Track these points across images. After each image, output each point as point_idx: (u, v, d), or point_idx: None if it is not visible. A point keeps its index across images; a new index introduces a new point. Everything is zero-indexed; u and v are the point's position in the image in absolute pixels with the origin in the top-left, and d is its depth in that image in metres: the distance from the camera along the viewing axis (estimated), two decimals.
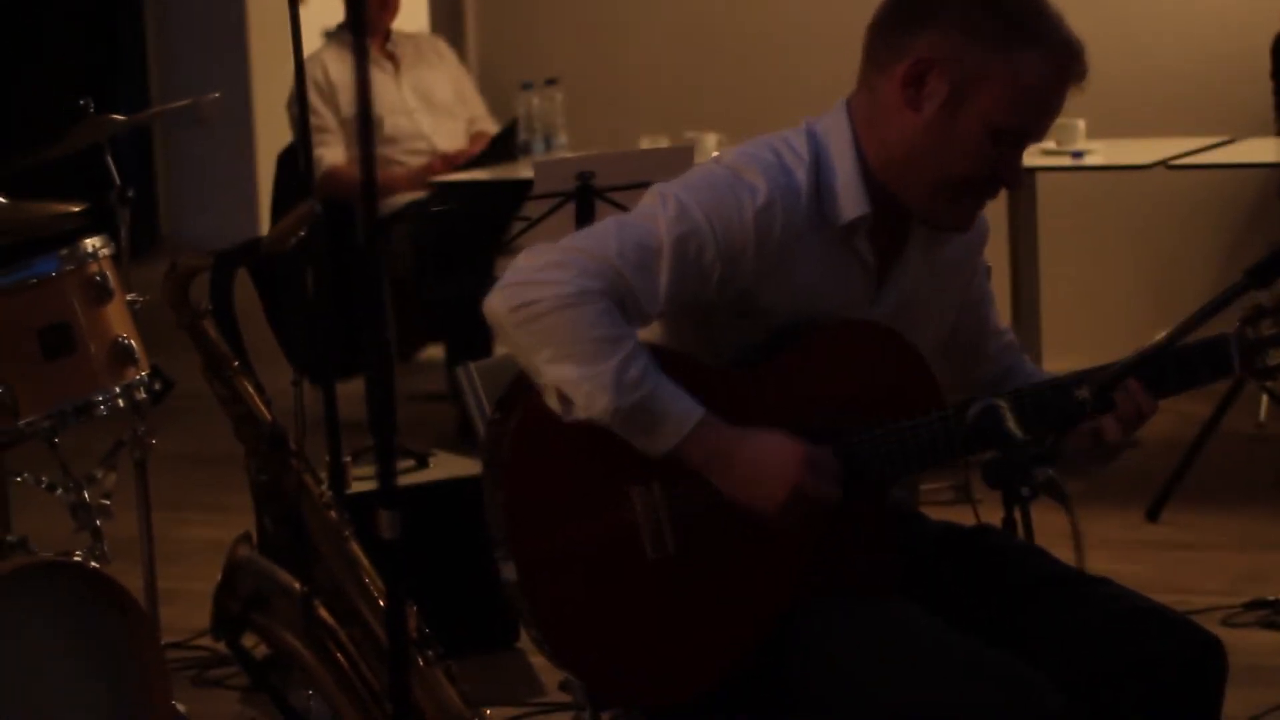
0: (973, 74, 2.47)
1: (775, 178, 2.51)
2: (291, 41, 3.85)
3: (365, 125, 2.55)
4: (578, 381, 2.41)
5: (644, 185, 2.65)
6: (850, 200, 2.54)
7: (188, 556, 4.72)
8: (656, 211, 2.49)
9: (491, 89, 7.15)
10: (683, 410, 2.43)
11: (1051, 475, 2.34)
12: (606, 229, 2.50)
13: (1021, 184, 2.56)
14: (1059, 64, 2.48)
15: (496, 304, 2.47)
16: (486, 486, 2.56)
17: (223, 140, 9.59)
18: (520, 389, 2.52)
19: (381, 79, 6.54)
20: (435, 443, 5.01)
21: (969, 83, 2.47)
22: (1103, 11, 6.50)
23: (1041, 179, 5.98)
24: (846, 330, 2.58)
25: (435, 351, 7.08)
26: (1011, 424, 2.41)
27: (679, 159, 4.03)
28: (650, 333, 2.59)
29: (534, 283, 2.44)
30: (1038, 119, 2.51)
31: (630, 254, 2.45)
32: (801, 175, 2.53)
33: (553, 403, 2.45)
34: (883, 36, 2.55)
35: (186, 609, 4.29)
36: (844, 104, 2.59)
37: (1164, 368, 2.50)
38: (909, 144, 2.51)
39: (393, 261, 6.39)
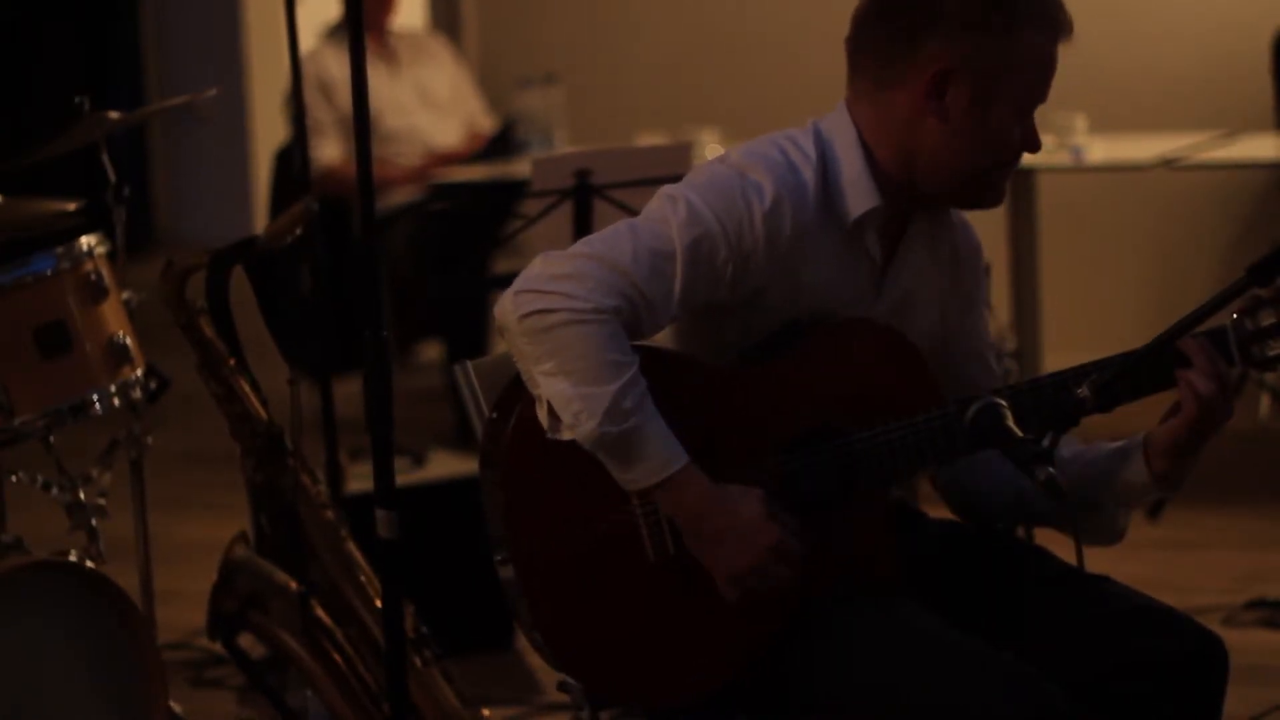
0: (992, 70, 2.47)
1: (782, 176, 2.50)
2: (288, 39, 3.84)
3: (361, 123, 2.54)
4: (570, 399, 2.39)
5: (643, 183, 2.64)
6: (859, 195, 2.53)
7: (184, 556, 4.70)
8: (668, 215, 2.47)
9: (490, 86, 7.14)
10: (666, 454, 2.41)
11: (1051, 473, 2.33)
12: (619, 234, 2.48)
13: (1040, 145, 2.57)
14: (1054, 28, 2.50)
15: (508, 308, 2.45)
16: (485, 487, 2.54)
17: (219, 138, 9.58)
18: (519, 388, 2.50)
19: (379, 77, 6.53)
20: (433, 442, 4.99)
21: (991, 79, 2.47)
22: (1104, 7, 6.49)
23: (1042, 175, 5.97)
24: (848, 329, 2.56)
25: (433, 351, 7.07)
26: (1011, 422, 2.40)
27: (678, 156, 4.01)
28: (657, 333, 2.57)
29: (549, 292, 2.42)
30: (1048, 85, 2.52)
31: (644, 259, 2.44)
32: (809, 173, 2.52)
33: (542, 416, 2.44)
34: (877, 49, 2.53)
35: (184, 609, 4.28)
36: (844, 105, 2.58)
37: (1164, 363, 2.48)
38: (940, 149, 2.51)
39: (391, 260, 6.38)
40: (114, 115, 3.72)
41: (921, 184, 2.54)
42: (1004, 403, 2.42)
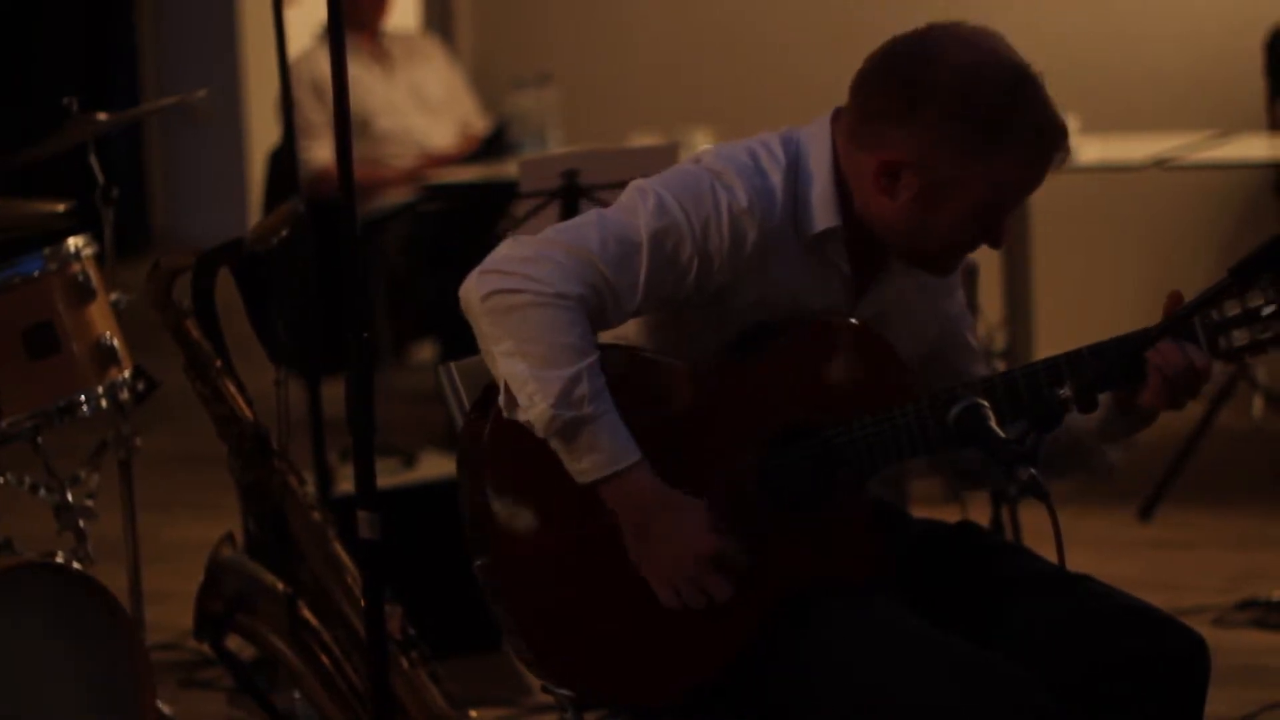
0: (945, 180, 2.46)
1: (751, 181, 2.51)
2: (275, 39, 3.84)
3: (342, 122, 2.55)
4: (525, 380, 2.40)
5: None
6: (822, 212, 2.54)
7: (175, 557, 4.70)
8: (636, 206, 2.49)
9: (484, 87, 7.13)
10: (617, 448, 2.42)
11: (1033, 474, 2.33)
12: (588, 222, 2.50)
13: (1007, 241, 2.56)
14: (1037, 156, 2.48)
15: (472, 287, 2.47)
16: (462, 486, 2.55)
17: (217, 138, 9.58)
18: (496, 389, 2.50)
19: (373, 78, 6.53)
20: (427, 443, 4.99)
21: (941, 187, 2.47)
22: (1096, 7, 6.49)
23: None
24: (822, 326, 2.57)
25: (428, 351, 7.06)
26: (994, 423, 2.40)
27: (664, 157, 4.00)
28: (629, 332, 2.58)
29: (514, 274, 2.44)
30: (1016, 201, 2.52)
31: (611, 247, 2.45)
32: (777, 179, 2.53)
33: (500, 398, 2.44)
34: (863, 105, 2.51)
35: (174, 610, 4.26)
36: (828, 120, 2.57)
37: (1136, 360, 2.47)
38: (885, 220, 2.52)
39: (384, 261, 6.38)
40: (101, 116, 3.72)
41: (876, 235, 2.55)
42: (986, 404, 2.42)
